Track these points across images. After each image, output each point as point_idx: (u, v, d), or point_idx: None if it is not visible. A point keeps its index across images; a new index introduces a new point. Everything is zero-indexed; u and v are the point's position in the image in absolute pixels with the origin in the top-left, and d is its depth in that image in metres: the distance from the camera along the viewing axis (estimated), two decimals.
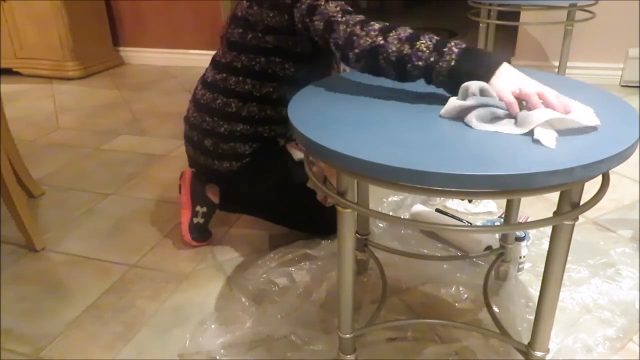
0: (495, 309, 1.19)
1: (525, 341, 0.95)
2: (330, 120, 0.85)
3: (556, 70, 2.63)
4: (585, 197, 0.79)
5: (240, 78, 1.32)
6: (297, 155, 1.42)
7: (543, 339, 0.91)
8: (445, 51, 0.88)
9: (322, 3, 1.07)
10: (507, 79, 0.84)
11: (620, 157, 0.72)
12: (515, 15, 2.72)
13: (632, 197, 1.72)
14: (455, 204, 1.69)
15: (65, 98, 3.00)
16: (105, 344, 1.18)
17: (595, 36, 2.73)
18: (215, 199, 1.52)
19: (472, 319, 1.21)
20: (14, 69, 3.42)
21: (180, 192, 1.54)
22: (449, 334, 1.16)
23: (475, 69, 0.86)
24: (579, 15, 2.27)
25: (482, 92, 0.83)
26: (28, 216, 1.54)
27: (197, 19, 3.44)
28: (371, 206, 1.58)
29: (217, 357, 1.12)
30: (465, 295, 1.28)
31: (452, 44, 0.89)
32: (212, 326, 1.20)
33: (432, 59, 0.89)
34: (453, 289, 1.29)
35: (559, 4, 2.23)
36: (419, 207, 1.62)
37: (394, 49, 0.92)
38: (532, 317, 1.03)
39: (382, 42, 0.93)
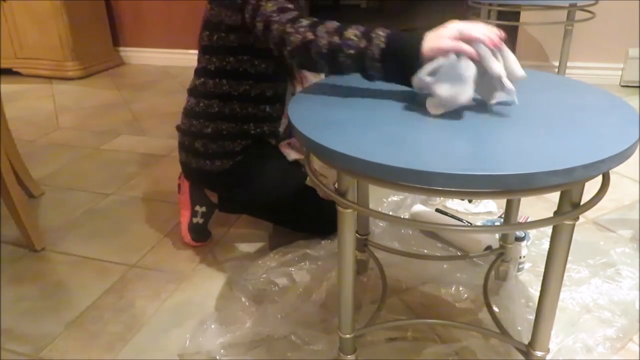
0: (495, 309, 1.19)
1: (526, 341, 0.95)
2: (330, 120, 0.85)
3: (556, 70, 2.63)
4: (586, 197, 0.79)
5: (217, 80, 1.32)
6: (291, 155, 1.42)
7: (543, 339, 0.91)
8: (374, 37, 0.89)
9: (263, 3, 1.08)
10: (436, 35, 0.86)
11: (621, 157, 0.72)
12: (515, 15, 2.72)
13: (632, 197, 1.72)
14: (455, 204, 1.69)
15: (65, 98, 3.00)
16: (105, 344, 1.18)
17: (595, 36, 2.73)
18: (214, 198, 1.52)
19: (472, 319, 1.21)
20: (14, 69, 3.42)
21: (179, 192, 1.54)
22: (449, 334, 1.16)
23: (404, 46, 0.88)
24: (579, 15, 2.27)
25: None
26: (28, 216, 1.54)
27: (197, 19, 3.42)
28: (371, 206, 1.58)
29: (217, 357, 1.12)
30: (465, 295, 1.28)
31: (379, 29, 0.91)
32: (212, 326, 1.20)
33: (362, 45, 0.90)
34: (453, 289, 1.29)
35: (559, 4, 2.23)
36: (419, 207, 1.62)
37: (324, 42, 0.93)
38: (532, 317, 1.03)
39: (312, 37, 0.95)
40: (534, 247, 1.45)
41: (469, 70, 0.82)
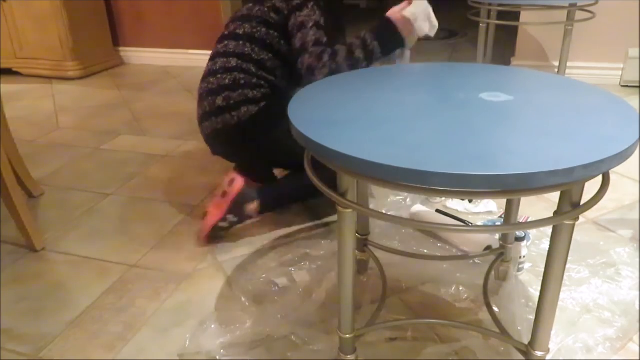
0: (495, 309, 1.19)
1: (526, 341, 0.95)
2: (330, 120, 0.85)
3: (556, 70, 2.63)
4: (586, 197, 0.79)
5: (240, 42, 1.51)
6: None
7: (543, 339, 0.91)
8: (369, 44, 1.40)
9: (308, 27, 1.40)
10: (393, 11, 1.43)
11: (621, 157, 0.72)
12: (515, 15, 2.72)
13: (632, 197, 1.72)
14: (455, 204, 1.69)
15: (65, 98, 3.00)
16: (105, 344, 1.18)
17: (595, 36, 2.73)
18: (253, 212, 1.51)
19: (472, 319, 1.21)
20: (14, 69, 3.42)
21: (222, 195, 1.49)
22: (449, 334, 1.16)
23: (387, 33, 1.42)
24: (579, 15, 2.27)
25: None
26: (28, 216, 1.54)
27: (197, 19, 3.44)
28: (371, 206, 1.58)
29: (217, 357, 1.12)
30: (465, 295, 1.28)
31: (367, 37, 1.41)
32: (212, 326, 1.20)
33: (366, 55, 1.40)
34: (453, 289, 1.29)
35: (559, 4, 2.23)
36: (419, 207, 1.62)
37: (345, 67, 1.37)
38: (532, 317, 1.03)
39: (334, 66, 1.37)
40: (534, 247, 1.45)
41: (429, 8, 1.38)
